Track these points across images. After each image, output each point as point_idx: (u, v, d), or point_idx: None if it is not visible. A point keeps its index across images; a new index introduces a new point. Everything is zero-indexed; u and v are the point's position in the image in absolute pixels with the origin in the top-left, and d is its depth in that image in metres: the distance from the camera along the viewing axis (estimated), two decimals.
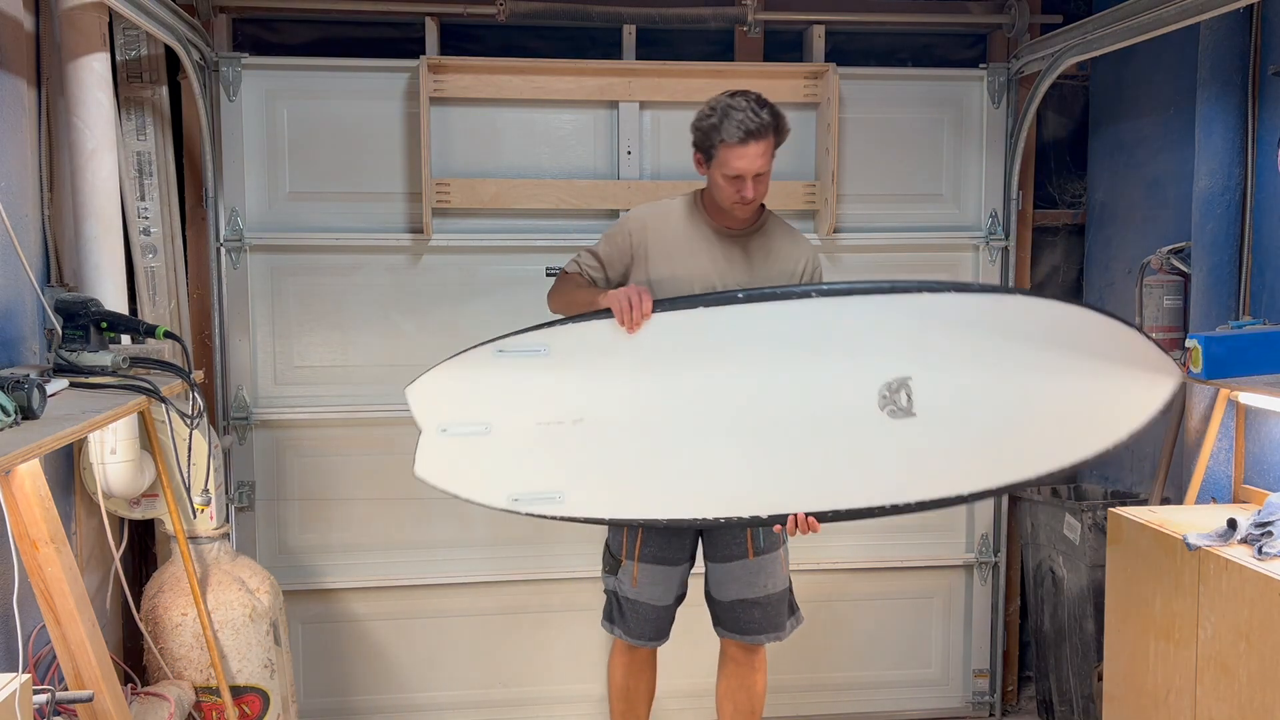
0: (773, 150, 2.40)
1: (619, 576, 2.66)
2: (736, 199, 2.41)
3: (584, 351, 2.42)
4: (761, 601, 2.62)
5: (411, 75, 3.32)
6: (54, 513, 2.11)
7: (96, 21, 2.53)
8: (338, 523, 3.44)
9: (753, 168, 2.36)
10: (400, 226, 3.39)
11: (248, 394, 3.37)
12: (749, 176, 2.37)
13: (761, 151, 2.36)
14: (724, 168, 2.38)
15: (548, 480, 2.43)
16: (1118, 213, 3.61)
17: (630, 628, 2.68)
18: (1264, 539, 2.38)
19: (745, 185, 2.38)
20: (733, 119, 2.35)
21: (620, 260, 2.56)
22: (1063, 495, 3.63)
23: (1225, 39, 2.86)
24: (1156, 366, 2.36)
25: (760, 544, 2.59)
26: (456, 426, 2.45)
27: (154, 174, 3.10)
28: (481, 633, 3.53)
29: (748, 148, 2.34)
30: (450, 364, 2.45)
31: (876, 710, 3.70)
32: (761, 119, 2.35)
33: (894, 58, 3.75)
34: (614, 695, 2.81)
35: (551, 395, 2.42)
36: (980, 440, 2.35)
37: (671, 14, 3.46)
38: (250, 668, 2.88)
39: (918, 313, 2.33)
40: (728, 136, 2.35)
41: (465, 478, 2.48)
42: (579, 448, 2.42)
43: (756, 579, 2.61)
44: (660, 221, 2.55)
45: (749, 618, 2.64)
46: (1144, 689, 2.69)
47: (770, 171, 2.43)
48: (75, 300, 2.34)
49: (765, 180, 2.42)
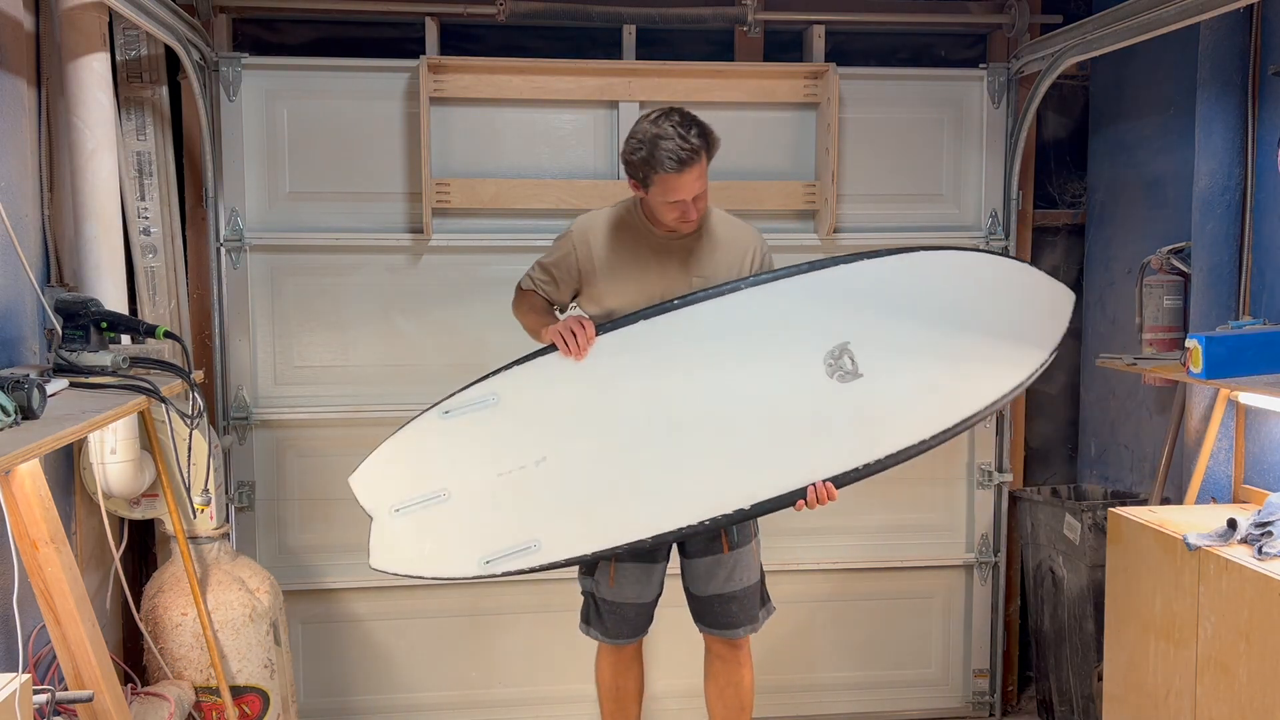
0: (707, 169, 2.41)
1: (595, 578, 2.66)
2: (680, 221, 2.44)
3: (535, 389, 2.43)
4: (739, 595, 2.64)
5: (411, 75, 3.32)
6: (54, 513, 2.11)
7: (96, 21, 2.53)
8: (338, 523, 3.44)
9: (692, 192, 2.38)
10: (400, 226, 3.39)
11: (248, 394, 3.37)
12: (689, 199, 2.39)
13: (697, 175, 2.37)
14: (663, 196, 2.39)
15: (520, 531, 2.42)
16: (1118, 213, 3.61)
17: (608, 628, 2.69)
18: (1264, 539, 2.38)
19: (688, 208, 2.40)
20: (663, 149, 2.33)
21: (568, 277, 2.59)
22: (1063, 495, 3.63)
23: (1225, 39, 2.86)
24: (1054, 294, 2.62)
25: (734, 538, 2.62)
26: (411, 502, 2.43)
27: (154, 174, 3.10)
28: (481, 633, 3.53)
29: (683, 176, 2.34)
30: (393, 441, 2.44)
31: (876, 710, 3.70)
32: (691, 144, 2.34)
33: (894, 58, 3.75)
34: (603, 696, 2.82)
35: (509, 442, 2.41)
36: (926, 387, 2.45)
37: (671, 14, 3.46)
38: (250, 668, 2.88)
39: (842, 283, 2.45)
40: (662, 169, 2.33)
41: (428, 556, 2.46)
42: (547, 488, 2.42)
43: (733, 573, 2.63)
44: (602, 235, 2.55)
45: (726, 611, 2.66)
46: (1144, 689, 2.69)
47: (706, 187, 2.43)
48: (75, 300, 2.34)
49: (705, 195, 2.44)
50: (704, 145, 2.37)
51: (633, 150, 2.38)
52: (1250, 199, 2.87)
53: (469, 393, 2.44)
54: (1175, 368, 2.87)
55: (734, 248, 2.56)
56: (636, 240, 2.54)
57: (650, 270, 2.52)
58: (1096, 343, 3.71)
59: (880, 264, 2.47)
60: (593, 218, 2.61)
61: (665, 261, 2.53)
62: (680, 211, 2.41)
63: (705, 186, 2.42)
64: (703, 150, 2.37)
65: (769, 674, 3.62)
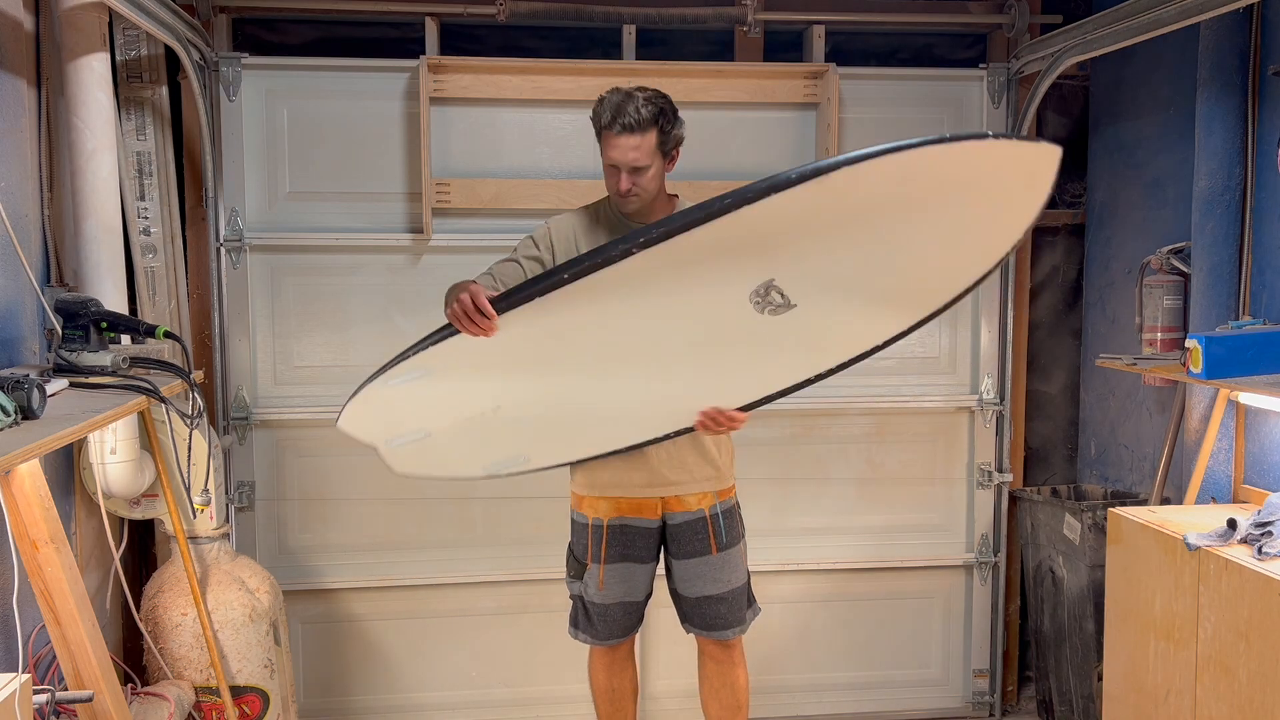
0: (654, 148, 2.38)
1: (584, 580, 2.66)
2: (614, 189, 2.44)
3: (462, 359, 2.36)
4: (726, 597, 2.64)
5: (411, 75, 3.32)
6: (54, 513, 2.11)
7: (96, 21, 2.53)
8: (337, 523, 3.44)
9: (625, 159, 2.37)
10: (400, 226, 3.39)
11: (248, 394, 3.37)
12: (623, 168, 2.39)
13: (635, 145, 2.35)
14: (605, 156, 2.42)
15: (508, 449, 2.50)
16: (1118, 213, 3.61)
17: (598, 631, 2.69)
18: (1264, 539, 2.38)
19: (620, 176, 2.40)
20: (611, 104, 2.36)
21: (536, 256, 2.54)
22: (1063, 495, 3.63)
23: (1225, 39, 2.86)
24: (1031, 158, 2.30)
25: (723, 540, 2.62)
26: (399, 438, 2.49)
27: (154, 174, 3.10)
28: (481, 633, 3.53)
29: (620, 138, 2.36)
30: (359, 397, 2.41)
31: (876, 710, 3.70)
32: (640, 115, 2.34)
33: (894, 58, 3.75)
34: (598, 698, 2.83)
35: (460, 397, 2.41)
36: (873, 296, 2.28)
37: (671, 14, 3.46)
38: (250, 668, 2.88)
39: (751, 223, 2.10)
40: (605, 125, 2.38)
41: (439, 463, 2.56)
42: (511, 426, 2.45)
43: (720, 574, 2.63)
44: (573, 232, 2.55)
45: (715, 613, 2.65)
46: (1144, 689, 2.69)
47: (654, 170, 2.42)
48: (75, 300, 2.34)
49: (647, 177, 2.41)
50: (652, 120, 2.35)
51: (598, 102, 2.41)
52: (1250, 199, 2.87)
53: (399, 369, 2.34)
54: (1175, 368, 2.87)
55: None
56: (605, 226, 2.54)
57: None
58: (1096, 343, 3.71)
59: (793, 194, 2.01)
60: (565, 214, 2.61)
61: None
62: (615, 180, 2.41)
63: (648, 165, 2.39)
64: (649, 125, 2.35)
65: (769, 674, 3.62)
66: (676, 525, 2.61)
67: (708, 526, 2.61)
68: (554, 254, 2.52)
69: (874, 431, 3.61)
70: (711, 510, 2.61)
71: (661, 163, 2.44)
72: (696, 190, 3.36)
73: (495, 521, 3.48)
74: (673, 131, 2.42)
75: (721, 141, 3.47)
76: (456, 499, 3.47)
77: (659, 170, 2.44)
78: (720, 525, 2.61)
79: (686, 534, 2.61)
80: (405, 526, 3.47)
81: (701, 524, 2.61)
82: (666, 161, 2.46)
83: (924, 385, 3.63)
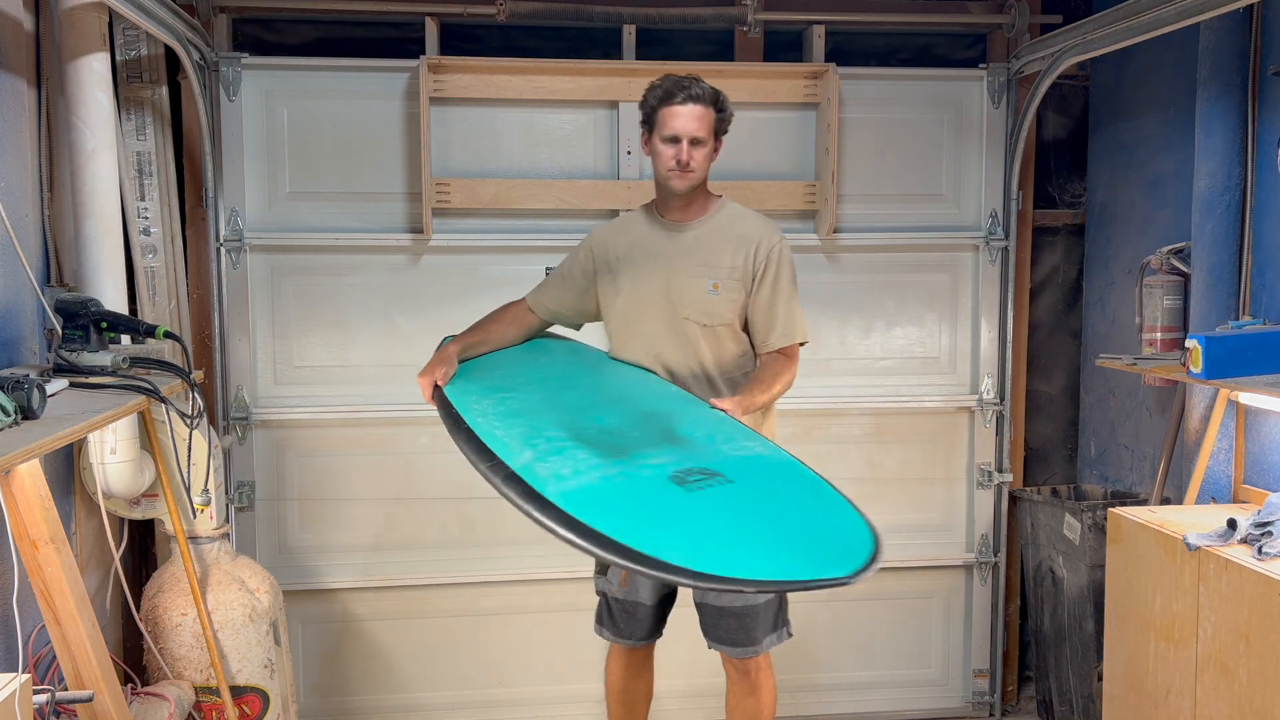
0: (712, 125, 2.45)
1: (608, 576, 2.66)
2: (672, 164, 2.45)
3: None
4: (737, 612, 2.55)
5: (411, 75, 3.32)
6: (54, 513, 2.11)
7: (96, 21, 2.53)
8: (337, 523, 3.44)
9: (688, 129, 2.41)
10: (400, 226, 3.39)
11: (248, 394, 3.37)
12: (685, 139, 2.42)
13: (698, 116, 2.42)
14: (662, 130, 2.45)
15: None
16: (1118, 213, 3.61)
17: (620, 629, 2.68)
18: (1264, 539, 2.38)
19: (681, 149, 2.43)
20: (673, 83, 2.45)
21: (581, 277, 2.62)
22: (1063, 495, 3.63)
23: (1225, 39, 2.86)
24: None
25: None
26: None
27: (154, 174, 3.10)
28: (481, 633, 3.53)
29: (685, 107, 2.41)
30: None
31: (876, 710, 3.70)
32: (702, 88, 2.43)
33: (894, 58, 3.75)
34: (611, 698, 2.81)
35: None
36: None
37: (671, 14, 3.46)
38: (250, 668, 2.88)
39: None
40: (667, 99, 2.44)
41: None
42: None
43: None
44: (618, 234, 2.62)
45: (725, 626, 2.57)
46: (1144, 689, 2.69)
47: (711, 150, 2.48)
48: (75, 300, 2.34)
49: (704, 154, 2.46)
50: (712, 97, 2.44)
51: (650, 89, 2.48)
52: (1250, 199, 2.87)
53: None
54: (1175, 368, 2.87)
55: (743, 242, 2.52)
56: (648, 229, 2.58)
57: (659, 255, 2.53)
58: (1096, 343, 3.71)
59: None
60: (607, 223, 2.69)
61: (668, 246, 2.54)
62: (675, 153, 2.43)
63: (707, 141, 2.45)
64: (709, 98, 2.43)
65: None
66: None
67: None
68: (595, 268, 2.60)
69: (874, 431, 3.61)
70: None
71: (714, 145, 2.49)
72: None
73: (495, 521, 3.48)
74: (727, 114, 2.49)
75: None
76: (456, 499, 3.47)
77: (712, 151, 2.49)
78: None
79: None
80: (405, 526, 3.47)
81: None
82: (716, 149, 2.51)
83: (924, 385, 3.63)
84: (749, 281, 2.51)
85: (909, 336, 3.62)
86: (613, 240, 2.60)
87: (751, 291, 2.51)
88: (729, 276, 2.49)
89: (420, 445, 3.44)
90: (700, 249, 2.52)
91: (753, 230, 2.54)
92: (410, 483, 3.46)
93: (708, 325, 2.50)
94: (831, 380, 3.59)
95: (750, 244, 2.51)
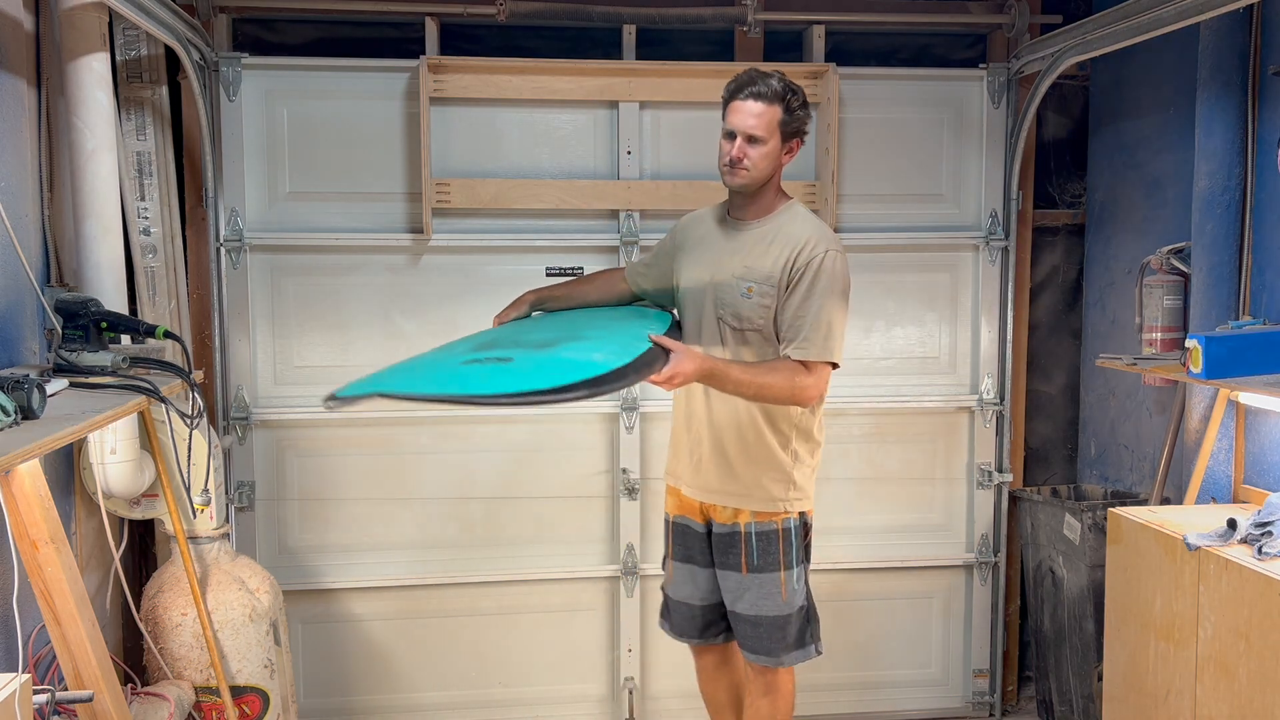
0: (777, 122, 2.39)
1: (665, 571, 2.74)
2: (726, 158, 2.43)
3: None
4: (754, 620, 2.55)
5: (411, 75, 3.32)
6: (54, 513, 2.11)
7: (96, 21, 2.53)
8: (337, 523, 3.44)
9: (744, 125, 2.38)
10: (400, 226, 3.39)
11: (248, 394, 3.37)
12: (740, 134, 2.39)
13: (758, 113, 2.37)
14: (724, 124, 2.44)
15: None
16: (1118, 213, 3.61)
17: (673, 624, 2.73)
18: (1264, 539, 2.38)
19: (734, 143, 2.40)
20: (745, 78, 2.41)
21: (664, 257, 2.68)
22: (1063, 495, 3.63)
23: (1225, 39, 2.86)
24: None
25: (755, 561, 2.53)
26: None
27: (154, 174, 3.10)
28: (481, 633, 3.53)
29: (745, 103, 2.39)
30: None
31: (876, 710, 3.70)
32: (769, 85, 2.38)
33: (894, 58, 3.75)
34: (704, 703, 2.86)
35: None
36: None
37: (671, 14, 3.46)
38: (250, 668, 2.88)
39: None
40: (735, 92, 2.42)
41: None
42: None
43: (748, 595, 2.55)
44: (694, 222, 2.65)
45: (745, 633, 2.59)
46: (1144, 689, 2.69)
47: (770, 149, 2.41)
48: (75, 300, 2.34)
49: (760, 152, 2.40)
50: (779, 94, 2.38)
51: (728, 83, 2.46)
52: (1250, 199, 2.87)
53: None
54: (1175, 368, 2.87)
55: (786, 245, 2.44)
56: (716, 223, 2.60)
57: (711, 250, 2.55)
58: (1096, 343, 3.71)
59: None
60: (697, 211, 2.70)
61: (727, 245, 2.53)
62: (729, 148, 2.41)
63: (766, 137, 2.39)
64: (776, 98, 2.38)
65: None
66: (717, 535, 2.59)
67: (741, 543, 2.54)
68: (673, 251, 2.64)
69: (874, 431, 3.61)
70: (746, 527, 2.52)
71: (779, 145, 2.42)
72: (696, 190, 3.37)
73: (495, 521, 3.48)
74: (798, 113, 2.42)
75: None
76: (456, 499, 3.47)
77: (774, 151, 2.42)
78: (753, 545, 2.52)
79: (723, 545, 2.58)
80: (405, 526, 3.47)
81: (735, 539, 2.54)
82: (784, 152, 2.45)
83: (924, 385, 3.63)
84: (784, 286, 2.43)
85: (909, 336, 3.62)
86: (691, 227, 2.64)
87: (785, 297, 2.43)
88: (764, 281, 2.43)
89: (420, 445, 3.44)
90: (748, 250, 2.48)
91: (800, 234, 2.45)
92: (410, 483, 3.46)
93: (737, 328, 2.47)
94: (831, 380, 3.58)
95: (793, 249, 2.43)
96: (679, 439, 2.64)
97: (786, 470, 2.52)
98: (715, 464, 2.53)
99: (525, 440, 3.46)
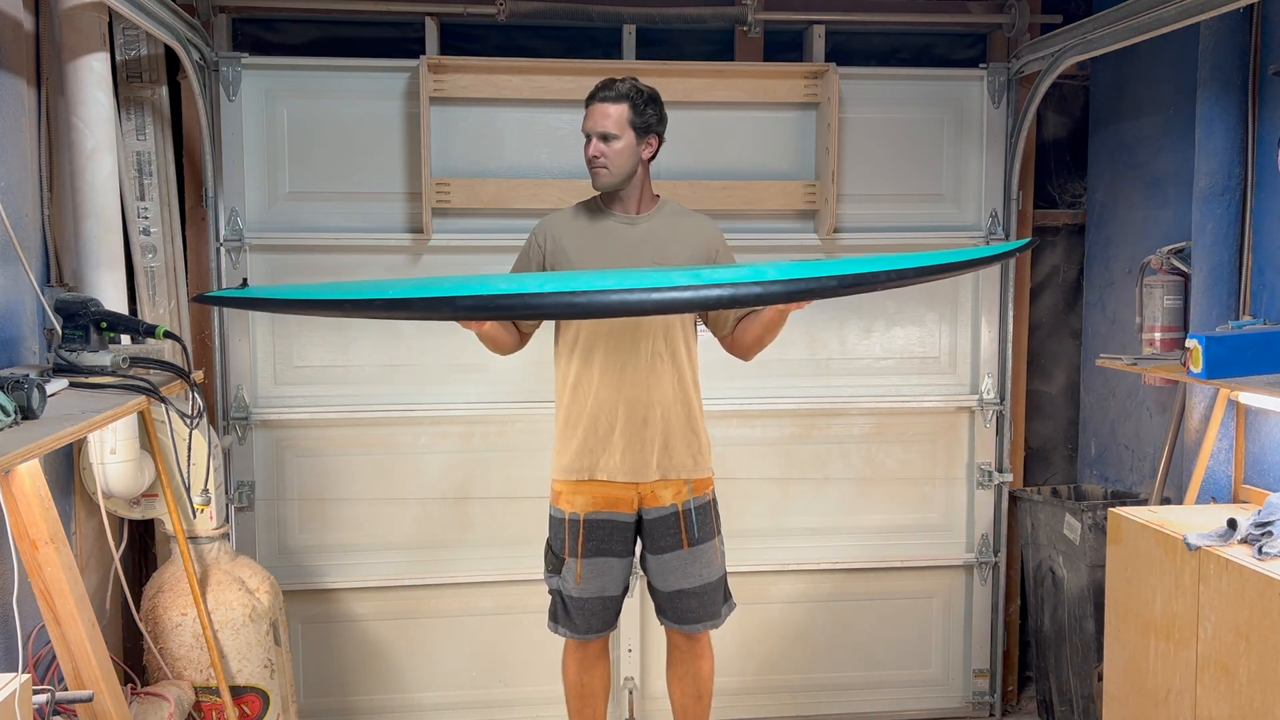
0: (626, 120, 2.55)
1: (562, 575, 2.69)
2: (589, 163, 2.60)
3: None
4: (698, 591, 2.68)
5: (411, 75, 3.32)
6: (54, 513, 2.11)
7: (96, 21, 2.53)
8: (337, 523, 3.44)
9: (597, 126, 2.56)
10: (400, 226, 3.39)
11: (248, 394, 3.37)
12: (595, 134, 2.56)
13: (605, 113, 2.55)
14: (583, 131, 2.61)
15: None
16: (1118, 213, 3.61)
17: (576, 625, 2.71)
18: (1264, 539, 2.38)
19: (590, 143, 2.57)
20: (594, 88, 2.60)
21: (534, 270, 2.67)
22: (1063, 495, 3.63)
23: (1225, 39, 2.86)
24: None
25: (694, 535, 2.65)
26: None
27: (154, 174, 3.10)
28: (481, 633, 3.53)
29: (596, 106, 2.57)
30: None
31: (876, 710, 3.70)
32: (616, 88, 2.56)
33: (894, 58, 3.75)
34: (569, 694, 2.83)
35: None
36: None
37: (671, 14, 3.46)
38: (250, 668, 2.88)
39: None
40: (586, 103, 2.61)
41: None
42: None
43: (691, 568, 2.66)
44: (560, 228, 2.68)
45: (687, 607, 2.69)
46: (1144, 689, 2.69)
47: (625, 145, 2.56)
48: (75, 300, 2.34)
49: (616, 149, 2.56)
50: (625, 95, 2.55)
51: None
52: (1250, 199, 2.87)
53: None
54: (1175, 368, 2.87)
55: (699, 237, 2.66)
56: (597, 221, 2.67)
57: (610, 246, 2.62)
58: (1096, 343, 3.71)
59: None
60: (555, 213, 2.75)
61: (627, 238, 2.63)
62: (587, 148, 2.58)
63: (620, 135, 2.55)
64: (622, 98, 2.55)
65: (769, 674, 3.62)
66: (651, 521, 2.66)
67: (679, 521, 2.65)
68: (547, 261, 2.67)
69: (874, 431, 3.61)
70: (684, 505, 2.65)
71: (634, 141, 2.58)
72: (696, 190, 3.37)
73: (495, 521, 3.48)
74: (647, 110, 2.58)
75: (721, 141, 3.47)
76: (456, 499, 3.47)
77: (629, 147, 2.58)
78: (692, 520, 2.65)
79: (660, 529, 2.66)
80: (405, 526, 3.47)
81: (674, 519, 2.65)
82: (642, 146, 2.59)
83: (924, 385, 3.63)
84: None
85: (909, 336, 3.62)
86: (561, 234, 2.67)
87: None
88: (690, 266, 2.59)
89: (420, 445, 3.45)
90: (656, 243, 2.62)
91: (697, 223, 2.69)
92: (410, 483, 3.46)
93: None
94: (831, 380, 3.59)
95: (701, 236, 2.66)
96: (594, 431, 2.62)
97: (705, 437, 2.70)
98: (657, 441, 2.61)
99: (525, 440, 3.46)
